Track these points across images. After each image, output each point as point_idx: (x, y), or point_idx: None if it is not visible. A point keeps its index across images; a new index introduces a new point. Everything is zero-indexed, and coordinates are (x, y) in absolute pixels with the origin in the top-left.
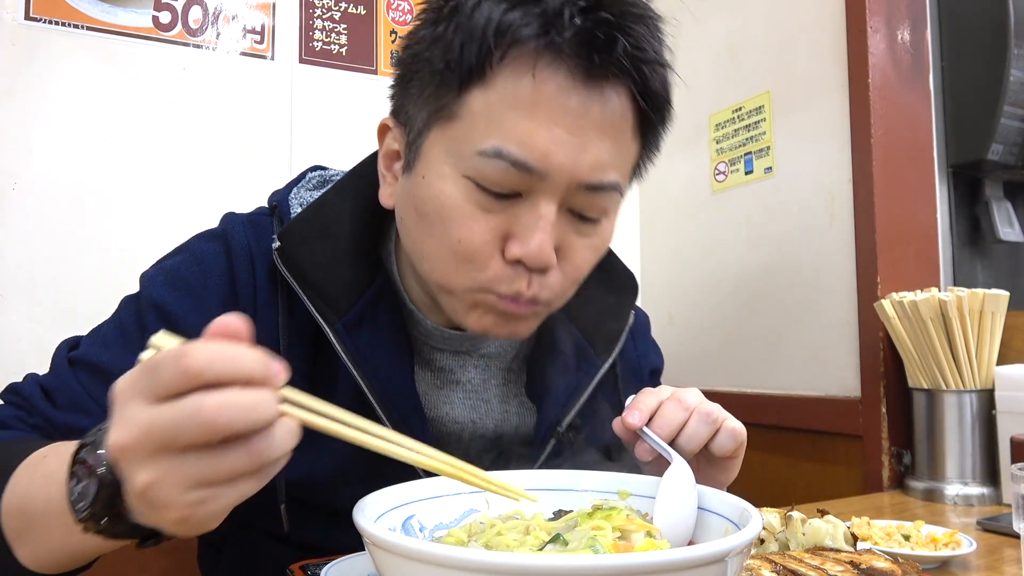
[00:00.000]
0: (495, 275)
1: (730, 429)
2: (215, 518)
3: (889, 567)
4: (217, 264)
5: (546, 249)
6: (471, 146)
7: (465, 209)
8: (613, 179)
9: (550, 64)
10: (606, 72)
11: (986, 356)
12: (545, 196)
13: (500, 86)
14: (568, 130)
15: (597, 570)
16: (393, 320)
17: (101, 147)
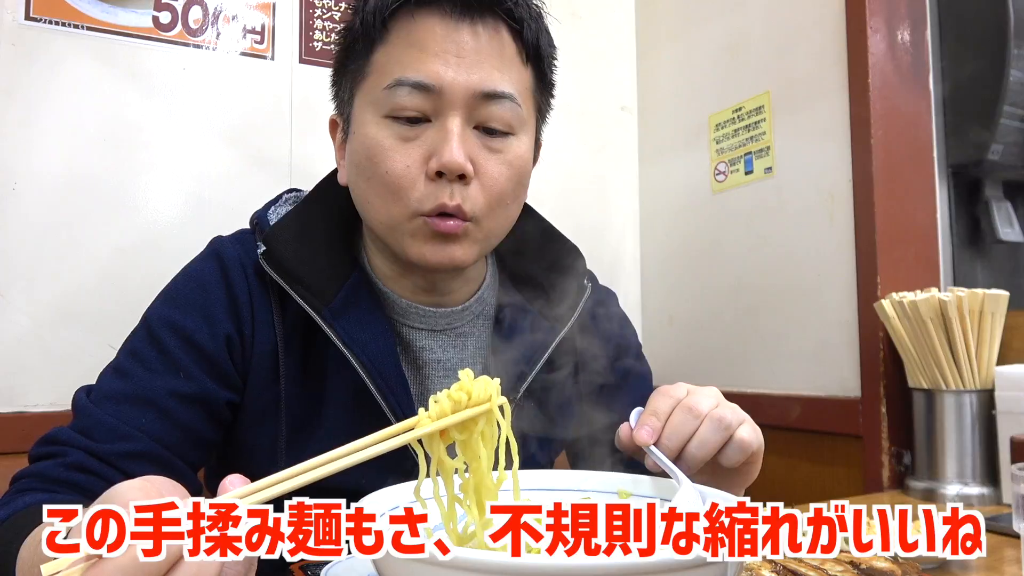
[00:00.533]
0: (422, 194)
1: (739, 441)
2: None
3: (889, 567)
4: (213, 277)
5: (457, 155)
6: (380, 87)
7: (386, 143)
8: (506, 89)
9: (426, 10)
10: (474, 9)
11: (986, 356)
12: (449, 114)
13: (394, 38)
14: (454, 54)
15: (597, 570)
16: (373, 303)
17: (101, 147)
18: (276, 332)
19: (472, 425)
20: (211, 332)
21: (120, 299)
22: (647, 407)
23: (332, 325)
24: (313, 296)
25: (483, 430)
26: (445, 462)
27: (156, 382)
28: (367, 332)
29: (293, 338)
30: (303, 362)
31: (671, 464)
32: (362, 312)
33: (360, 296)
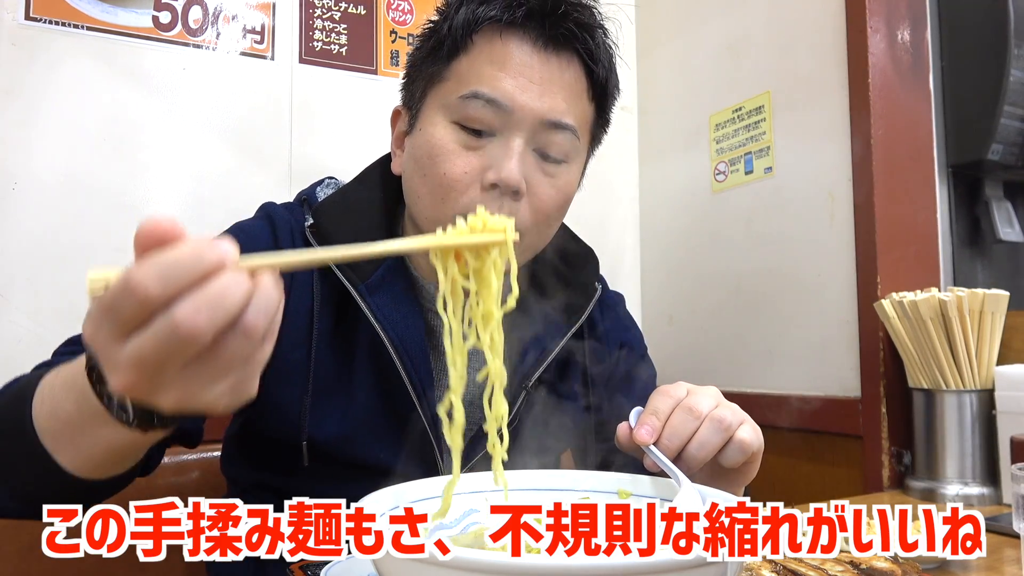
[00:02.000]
0: (471, 200)
1: (739, 442)
2: (251, 390)
3: (889, 567)
4: (263, 234)
5: (515, 172)
6: (455, 95)
7: (450, 147)
8: (570, 122)
9: (512, 32)
10: (558, 38)
11: (986, 356)
12: (514, 133)
13: (477, 51)
14: (530, 79)
15: (597, 570)
16: (407, 285)
17: (101, 147)
18: (314, 295)
19: (485, 253)
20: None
21: None
22: (647, 407)
23: (367, 300)
24: (352, 271)
25: (495, 261)
26: (457, 281)
27: None
28: (398, 312)
29: (328, 305)
30: (334, 330)
31: (671, 464)
32: (396, 292)
33: (395, 278)
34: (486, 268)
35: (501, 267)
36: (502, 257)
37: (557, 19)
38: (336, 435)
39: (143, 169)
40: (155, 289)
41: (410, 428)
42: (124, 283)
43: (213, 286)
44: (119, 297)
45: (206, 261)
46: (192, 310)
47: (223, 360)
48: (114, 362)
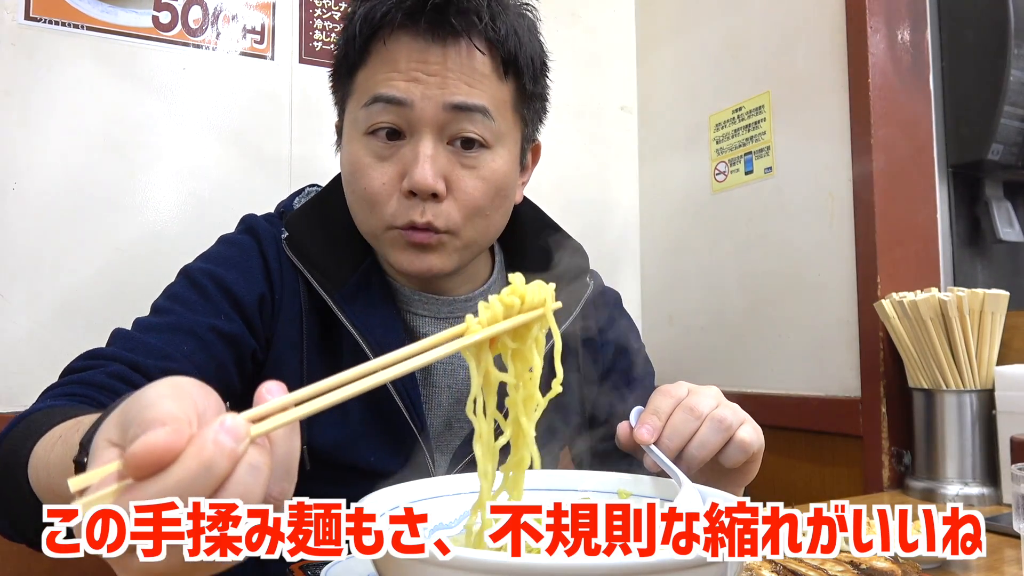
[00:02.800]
0: (395, 210)
1: (739, 442)
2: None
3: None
4: (252, 246)
5: (426, 176)
6: (359, 105)
7: (365, 161)
8: (476, 102)
9: (401, 34)
10: (445, 29)
11: (986, 356)
12: (422, 131)
13: (372, 60)
14: (426, 72)
15: (597, 570)
16: (383, 291)
17: (101, 147)
18: (301, 305)
19: (526, 332)
20: (247, 287)
21: (120, 299)
22: (647, 406)
23: (344, 309)
24: (328, 281)
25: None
26: (492, 374)
27: (198, 317)
28: (375, 317)
29: (313, 314)
30: (321, 338)
31: (671, 464)
32: (372, 298)
33: (371, 284)
34: (527, 348)
35: (542, 344)
36: (542, 330)
37: (438, 10)
38: (333, 441)
39: (143, 169)
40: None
41: (399, 433)
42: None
43: (231, 490)
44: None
45: (218, 470)
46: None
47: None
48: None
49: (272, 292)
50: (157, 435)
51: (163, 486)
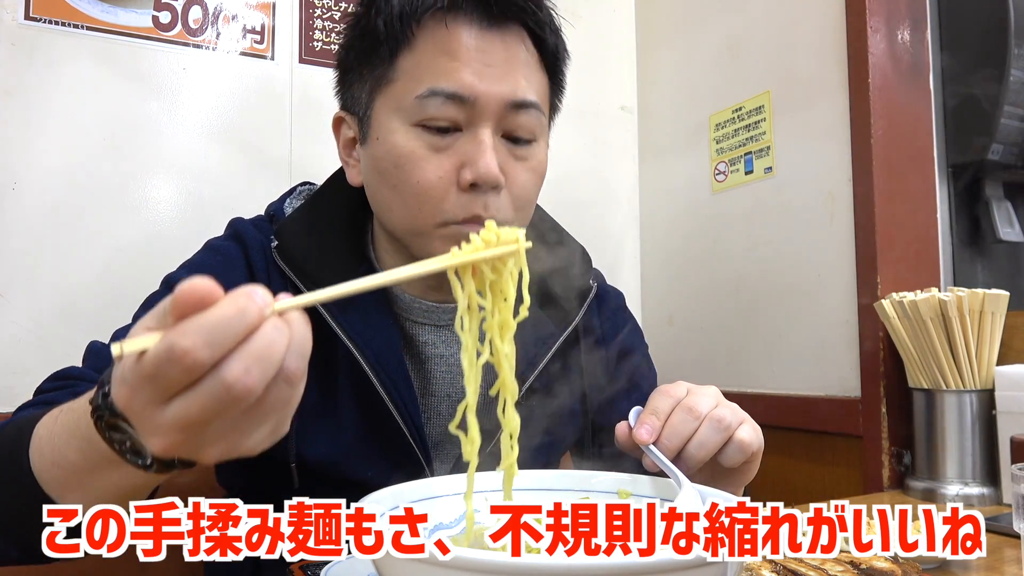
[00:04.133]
0: (453, 205)
1: (738, 442)
2: (288, 420)
3: (889, 567)
4: (237, 255)
5: (493, 167)
6: (410, 95)
7: (417, 153)
8: (533, 98)
9: (458, 16)
10: (504, 17)
11: (986, 356)
12: (481, 124)
13: (422, 44)
14: (485, 63)
15: (597, 570)
16: (379, 299)
17: (101, 147)
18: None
19: (502, 265)
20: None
21: (120, 299)
22: (647, 406)
23: (338, 319)
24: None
25: (511, 271)
26: (474, 299)
27: None
28: (372, 328)
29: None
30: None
31: (670, 464)
32: (367, 308)
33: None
34: (503, 280)
35: (515, 277)
36: (516, 267)
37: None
38: (324, 457)
39: (143, 169)
40: (203, 353)
41: (397, 446)
42: (169, 350)
43: (258, 341)
44: (163, 363)
45: (249, 317)
46: (242, 370)
47: (266, 408)
48: (155, 426)
49: None
50: (200, 280)
51: (201, 323)
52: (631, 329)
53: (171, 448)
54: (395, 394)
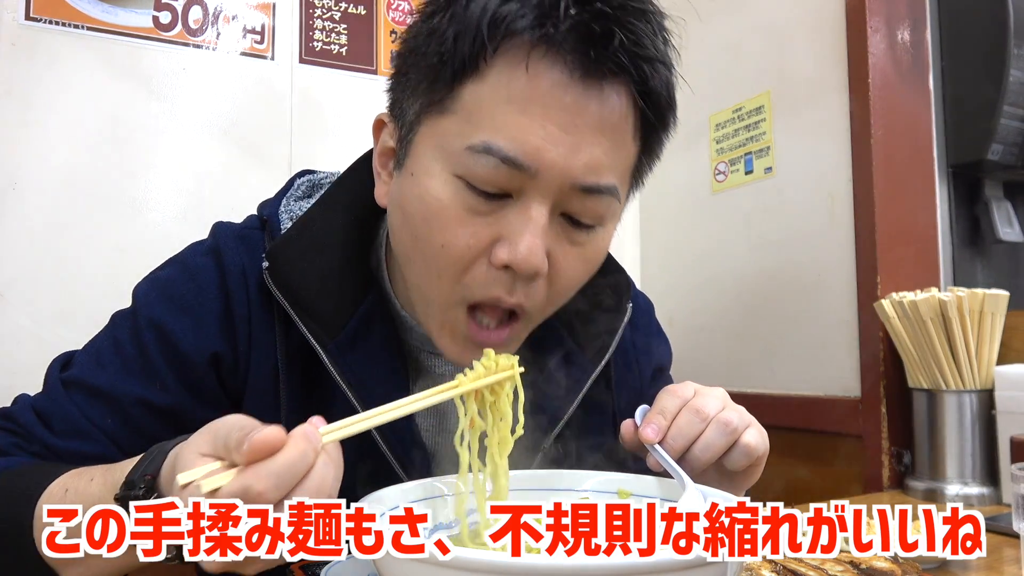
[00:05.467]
0: (476, 282)
1: (744, 446)
2: None
3: (889, 567)
4: (211, 280)
5: (537, 253)
6: (461, 141)
7: (451, 212)
8: (609, 182)
9: (544, 58)
10: (603, 68)
11: (986, 356)
12: (537, 198)
13: (493, 79)
14: (562, 127)
15: (597, 570)
16: (387, 336)
17: (101, 147)
18: (277, 355)
19: (499, 389)
20: (197, 342)
21: (120, 299)
22: (654, 405)
23: (337, 362)
24: (319, 326)
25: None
26: (476, 422)
27: (128, 386)
28: (376, 371)
29: (296, 362)
30: (307, 390)
31: (675, 465)
32: (372, 347)
33: (373, 327)
34: (500, 400)
35: (511, 397)
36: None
37: (606, 38)
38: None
39: (143, 169)
40: (273, 495)
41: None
42: (244, 491)
43: (314, 479)
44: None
45: (308, 459)
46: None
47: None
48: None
49: (235, 345)
50: (271, 430)
51: (271, 469)
52: (663, 345)
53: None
54: (398, 448)
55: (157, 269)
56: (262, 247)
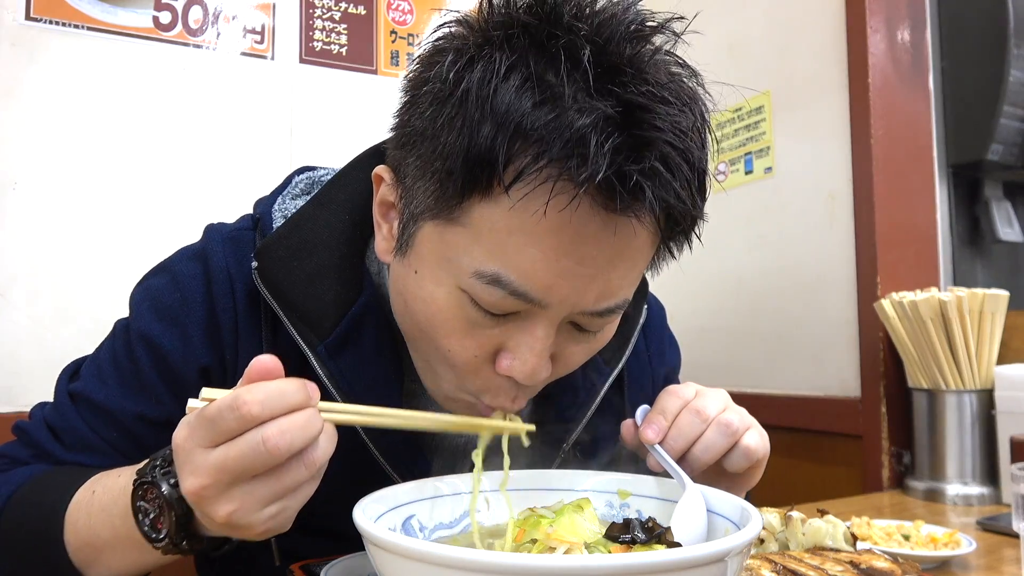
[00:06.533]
0: (483, 386)
1: (744, 448)
2: (289, 522)
3: (889, 567)
4: (196, 289)
5: (540, 370)
6: (469, 263)
7: (457, 324)
8: (621, 300)
9: (565, 192)
10: (629, 212)
11: (986, 356)
12: (544, 320)
13: (507, 206)
14: (578, 261)
15: (597, 570)
16: (379, 340)
17: (101, 147)
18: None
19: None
20: (186, 357)
21: (120, 299)
22: (655, 406)
23: (326, 365)
24: (308, 327)
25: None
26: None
27: (125, 402)
28: (367, 375)
29: (285, 366)
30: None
31: (675, 465)
32: (364, 349)
33: (364, 331)
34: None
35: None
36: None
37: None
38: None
39: (143, 169)
40: (256, 408)
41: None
42: (233, 399)
43: (299, 417)
44: (225, 409)
45: (299, 397)
46: (279, 431)
47: (281, 483)
48: (196, 465)
49: (222, 354)
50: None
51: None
52: (671, 346)
53: (201, 489)
54: (391, 455)
55: (149, 274)
56: (252, 248)
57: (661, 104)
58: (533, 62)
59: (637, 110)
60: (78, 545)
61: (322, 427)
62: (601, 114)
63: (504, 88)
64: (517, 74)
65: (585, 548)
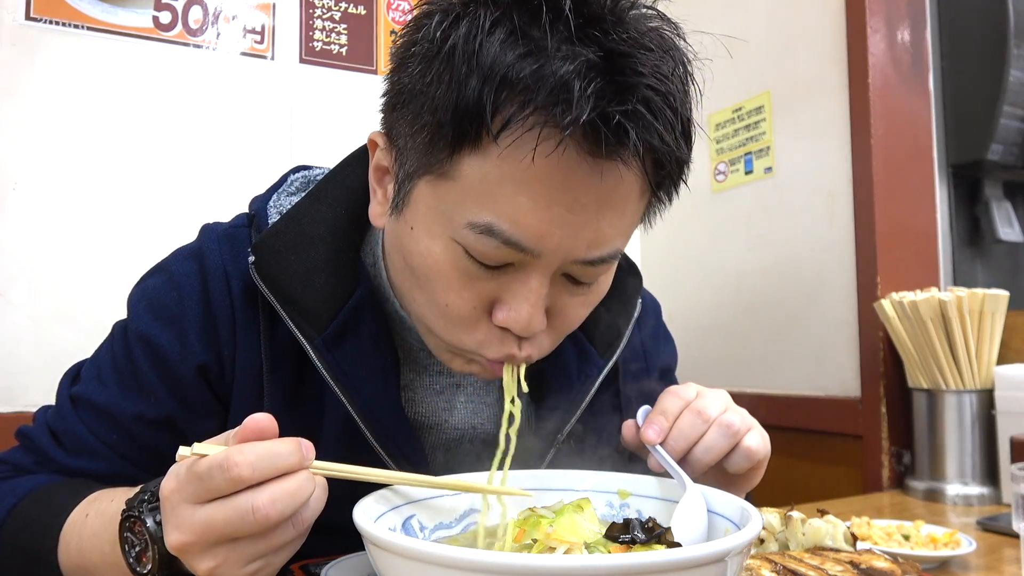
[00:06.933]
0: (483, 339)
1: (745, 449)
2: (277, 568)
3: (889, 567)
4: (193, 287)
5: (535, 320)
6: (462, 215)
7: (454, 276)
8: (613, 249)
9: (553, 138)
10: (615, 155)
11: (986, 356)
12: (538, 271)
13: (496, 155)
14: (568, 207)
15: (597, 570)
16: (377, 332)
17: (101, 147)
18: (262, 357)
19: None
20: (183, 356)
21: (120, 299)
22: (656, 406)
23: (324, 358)
24: (305, 320)
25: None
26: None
27: (125, 404)
28: (365, 366)
29: (284, 361)
30: (295, 388)
31: (676, 466)
32: (362, 341)
33: (362, 323)
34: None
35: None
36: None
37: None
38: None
39: (143, 169)
40: (247, 471)
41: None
42: (224, 459)
43: (290, 484)
44: (215, 468)
45: (291, 460)
46: (270, 500)
47: (268, 544)
48: (181, 520)
49: (219, 351)
50: (263, 416)
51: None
52: (667, 342)
53: (185, 545)
54: (391, 445)
55: (147, 275)
56: (247, 245)
57: (642, 50)
58: (516, 16)
59: (618, 57)
60: (70, 567)
61: (314, 490)
62: (584, 61)
63: (489, 42)
64: (501, 28)
65: (585, 548)
